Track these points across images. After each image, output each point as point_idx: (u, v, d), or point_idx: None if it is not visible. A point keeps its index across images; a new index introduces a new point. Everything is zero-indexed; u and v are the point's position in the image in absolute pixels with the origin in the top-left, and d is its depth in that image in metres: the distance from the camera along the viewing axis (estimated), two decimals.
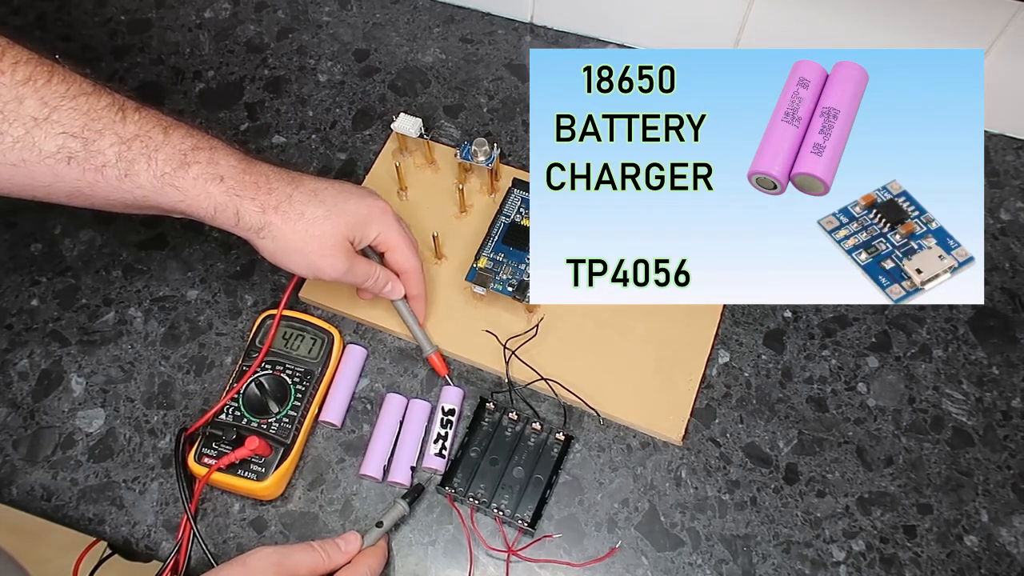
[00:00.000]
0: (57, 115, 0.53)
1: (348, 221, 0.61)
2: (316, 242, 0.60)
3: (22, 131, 0.52)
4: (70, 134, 0.54)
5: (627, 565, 0.62)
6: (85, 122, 0.54)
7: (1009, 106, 0.78)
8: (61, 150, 0.53)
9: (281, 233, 0.60)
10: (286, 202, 0.60)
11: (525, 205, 0.74)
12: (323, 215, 0.60)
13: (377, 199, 0.65)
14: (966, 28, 0.72)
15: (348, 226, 0.62)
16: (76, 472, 0.66)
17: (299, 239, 0.60)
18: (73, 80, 0.55)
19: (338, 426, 0.67)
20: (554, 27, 0.89)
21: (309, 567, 0.57)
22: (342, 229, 0.61)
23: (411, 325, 0.69)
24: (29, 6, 0.91)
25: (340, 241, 0.61)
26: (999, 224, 0.76)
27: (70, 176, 0.54)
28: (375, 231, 0.64)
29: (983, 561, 0.62)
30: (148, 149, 0.56)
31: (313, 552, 0.58)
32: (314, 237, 0.60)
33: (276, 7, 0.91)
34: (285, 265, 0.61)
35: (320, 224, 0.60)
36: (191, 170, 0.57)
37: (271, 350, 0.67)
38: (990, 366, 0.69)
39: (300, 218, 0.60)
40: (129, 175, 0.55)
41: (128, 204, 0.58)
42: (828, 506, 0.64)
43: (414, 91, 0.85)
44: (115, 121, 0.55)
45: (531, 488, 0.63)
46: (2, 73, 0.52)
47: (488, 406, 0.66)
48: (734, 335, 0.71)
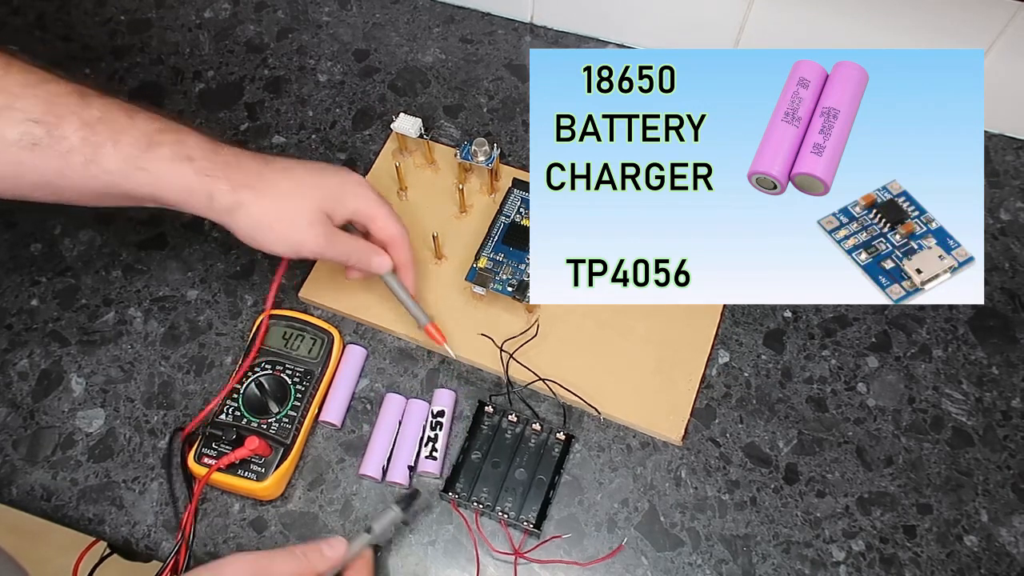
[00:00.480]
0: (19, 103, 0.53)
1: (323, 194, 0.61)
2: (291, 216, 0.59)
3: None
4: (32, 120, 0.53)
5: (627, 565, 0.62)
6: (47, 108, 0.53)
7: (1009, 106, 0.78)
8: (24, 136, 0.53)
9: (255, 210, 0.58)
10: (257, 179, 0.58)
11: (525, 205, 0.74)
12: (296, 189, 0.59)
13: (351, 173, 0.64)
14: (966, 28, 0.72)
15: (323, 199, 0.60)
16: (76, 472, 0.66)
17: (274, 214, 0.59)
18: (32, 70, 0.54)
19: (338, 426, 0.67)
20: (554, 27, 0.89)
21: (287, 572, 0.54)
22: (317, 202, 0.60)
23: (403, 298, 0.67)
24: (29, 6, 0.91)
25: (316, 214, 0.60)
26: (999, 224, 0.76)
27: (35, 164, 0.54)
28: (352, 203, 0.63)
29: (983, 561, 0.62)
30: (113, 132, 0.55)
31: (293, 558, 0.54)
32: (288, 211, 0.59)
33: (276, 7, 0.91)
34: (263, 244, 0.60)
35: (294, 198, 0.59)
36: (159, 151, 0.56)
37: (271, 350, 0.67)
38: (990, 366, 0.69)
39: (273, 194, 0.58)
40: (95, 160, 0.54)
41: (98, 193, 0.57)
42: (828, 506, 0.64)
43: (414, 91, 0.85)
44: (78, 106, 0.54)
45: (534, 489, 0.63)
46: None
47: (487, 409, 0.66)
48: (734, 335, 0.71)
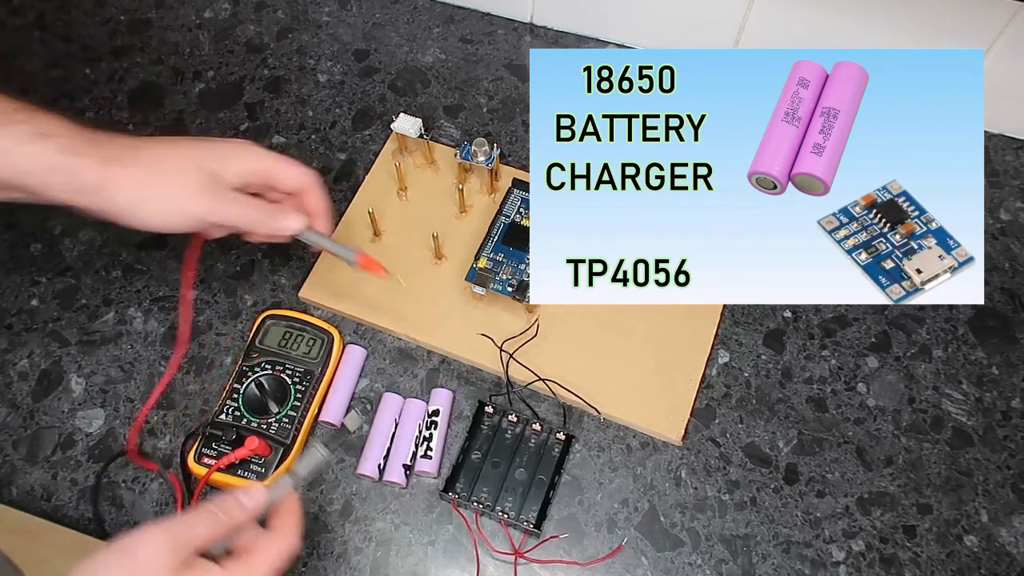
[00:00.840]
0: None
1: (204, 154, 0.56)
2: (169, 183, 0.54)
3: None
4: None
5: (627, 565, 0.62)
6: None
7: (1009, 106, 0.78)
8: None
9: (127, 182, 0.53)
10: (130, 150, 0.54)
11: (525, 205, 0.74)
12: (172, 153, 0.55)
13: (238, 140, 0.59)
14: (966, 28, 0.72)
15: (204, 159, 0.56)
16: (76, 472, 0.66)
17: (148, 182, 0.54)
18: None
19: (338, 426, 0.66)
20: (554, 27, 0.89)
21: (208, 535, 0.48)
22: (197, 162, 0.55)
23: (326, 246, 0.63)
24: (29, 6, 0.91)
25: (198, 177, 0.55)
26: (999, 224, 0.76)
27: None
28: (241, 163, 0.58)
29: (983, 561, 0.62)
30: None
31: (212, 518, 0.48)
32: (166, 178, 0.54)
33: (276, 7, 0.91)
34: (146, 222, 0.55)
35: (171, 162, 0.55)
36: (13, 129, 0.52)
37: (271, 350, 0.67)
38: (990, 366, 0.69)
39: (146, 163, 0.54)
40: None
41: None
42: (828, 506, 0.64)
43: (414, 91, 0.85)
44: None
45: (534, 489, 0.63)
46: None
47: (487, 409, 0.66)
48: (734, 335, 0.71)
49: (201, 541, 0.47)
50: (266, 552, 0.49)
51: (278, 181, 0.60)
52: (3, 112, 0.52)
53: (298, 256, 0.75)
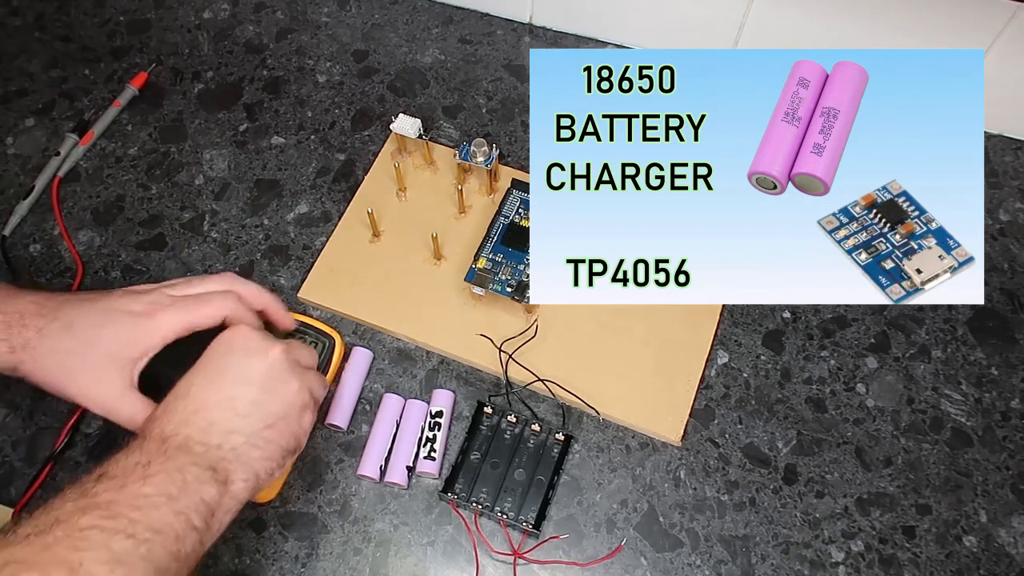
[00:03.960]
0: None
1: (107, 350, 0.56)
2: (69, 376, 0.56)
3: None
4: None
5: (626, 566, 0.62)
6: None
7: (1008, 106, 0.78)
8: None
9: (33, 370, 0.56)
10: (36, 338, 0.56)
11: (524, 206, 0.74)
12: (75, 347, 0.56)
13: (144, 312, 0.58)
14: (966, 28, 0.72)
15: (108, 356, 0.56)
16: (76, 472, 0.65)
17: (51, 375, 0.56)
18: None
19: (344, 429, 0.66)
20: (553, 27, 0.89)
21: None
22: (100, 360, 0.56)
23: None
24: (28, 7, 0.91)
25: (101, 372, 0.56)
26: (998, 225, 0.76)
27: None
28: (158, 337, 0.57)
29: (982, 562, 0.62)
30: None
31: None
32: (66, 371, 0.56)
33: (275, 8, 0.91)
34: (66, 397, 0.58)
35: (72, 358, 0.56)
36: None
37: None
38: (989, 367, 0.69)
39: (51, 353, 0.56)
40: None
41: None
42: (827, 507, 0.64)
43: (413, 92, 0.85)
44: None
45: (533, 490, 0.63)
46: None
47: (486, 410, 0.66)
48: (733, 336, 0.71)
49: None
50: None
51: (235, 319, 0.60)
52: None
53: (297, 257, 0.75)
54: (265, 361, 0.55)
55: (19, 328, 0.56)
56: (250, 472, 0.52)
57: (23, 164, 0.81)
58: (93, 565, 0.43)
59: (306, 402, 0.56)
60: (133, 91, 0.84)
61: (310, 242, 0.76)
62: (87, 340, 0.56)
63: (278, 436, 0.54)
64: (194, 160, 0.81)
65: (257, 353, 0.55)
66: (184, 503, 0.48)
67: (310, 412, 0.57)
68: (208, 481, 0.49)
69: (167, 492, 0.47)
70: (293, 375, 0.56)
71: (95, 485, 0.47)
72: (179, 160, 0.81)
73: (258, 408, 0.54)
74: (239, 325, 0.57)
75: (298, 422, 0.56)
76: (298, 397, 0.56)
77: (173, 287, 0.61)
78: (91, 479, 0.48)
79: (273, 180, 0.79)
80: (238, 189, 0.79)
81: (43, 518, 0.45)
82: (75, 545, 0.44)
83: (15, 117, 0.84)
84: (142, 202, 0.78)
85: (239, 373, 0.54)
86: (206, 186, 0.79)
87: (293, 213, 0.77)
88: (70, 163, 0.80)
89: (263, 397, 0.54)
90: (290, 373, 0.56)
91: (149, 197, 0.79)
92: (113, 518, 0.45)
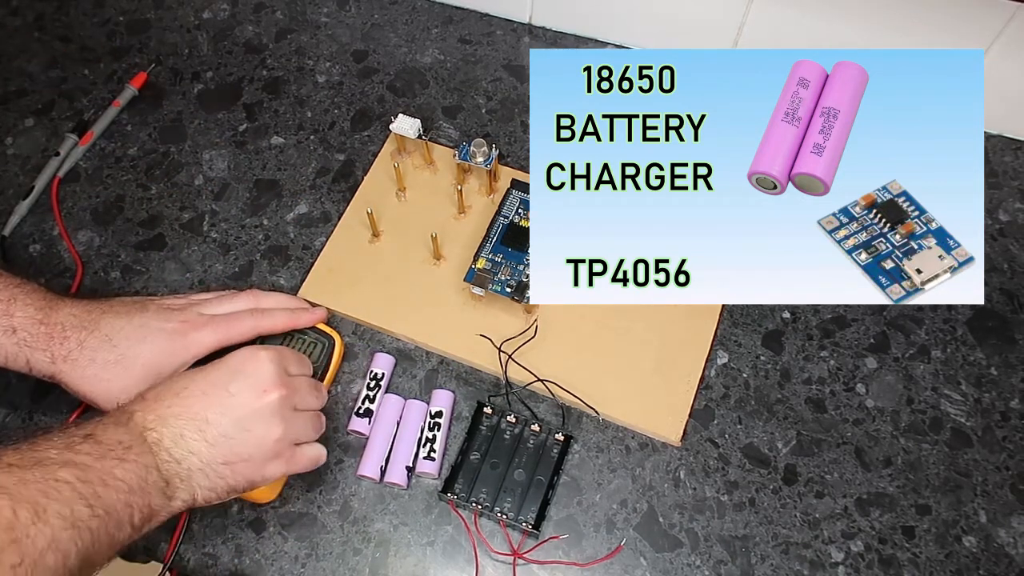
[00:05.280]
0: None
1: (144, 364, 0.60)
2: (106, 387, 0.60)
3: None
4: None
5: (625, 566, 0.62)
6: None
7: (1008, 106, 0.78)
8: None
9: (72, 380, 0.59)
10: (76, 350, 0.59)
11: (523, 206, 0.74)
12: (114, 360, 0.60)
13: (179, 331, 0.62)
14: (966, 28, 0.72)
15: (144, 369, 0.60)
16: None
17: (89, 385, 0.59)
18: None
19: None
20: (553, 28, 0.89)
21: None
22: (137, 373, 0.60)
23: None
24: (28, 7, 0.91)
25: (138, 386, 0.59)
26: (997, 225, 0.76)
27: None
28: (190, 354, 0.62)
29: (981, 562, 0.62)
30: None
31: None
32: (103, 382, 0.59)
33: (275, 8, 0.91)
34: (91, 402, 0.61)
35: (111, 369, 0.60)
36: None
37: None
38: (989, 367, 0.69)
39: (90, 364, 0.59)
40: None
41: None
42: (827, 507, 0.64)
43: (413, 92, 0.85)
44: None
45: (533, 490, 0.63)
46: None
47: (486, 410, 0.66)
48: (733, 336, 0.71)
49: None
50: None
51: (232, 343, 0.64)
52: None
53: (297, 257, 0.75)
54: (258, 400, 0.56)
55: (60, 340, 0.59)
56: (190, 496, 0.53)
57: (23, 164, 0.81)
58: (55, 517, 0.45)
59: (280, 452, 0.57)
60: (133, 91, 0.84)
61: (309, 242, 0.76)
62: (125, 355, 0.60)
63: (231, 475, 0.55)
64: (194, 160, 0.81)
65: (255, 389, 0.56)
66: (136, 500, 0.49)
67: (281, 463, 0.57)
68: (160, 492, 0.51)
69: (130, 483, 0.49)
70: (280, 422, 0.57)
71: (81, 443, 0.49)
72: (179, 160, 0.81)
73: (226, 442, 0.54)
74: (261, 351, 0.58)
75: (259, 469, 0.56)
76: (273, 446, 0.56)
77: (204, 304, 0.65)
78: (79, 434, 0.50)
79: (273, 180, 0.79)
80: (238, 189, 0.79)
81: (28, 455, 0.47)
82: (46, 491, 0.45)
83: (15, 117, 0.84)
84: (142, 202, 0.78)
85: (227, 400, 0.55)
86: (206, 186, 0.79)
87: (293, 213, 0.77)
88: (70, 163, 0.80)
89: (236, 434, 0.55)
90: (278, 419, 0.57)
91: (149, 197, 0.79)
92: (85, 483, 0.47)
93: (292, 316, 0.67)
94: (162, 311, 0.63)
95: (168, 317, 0.62)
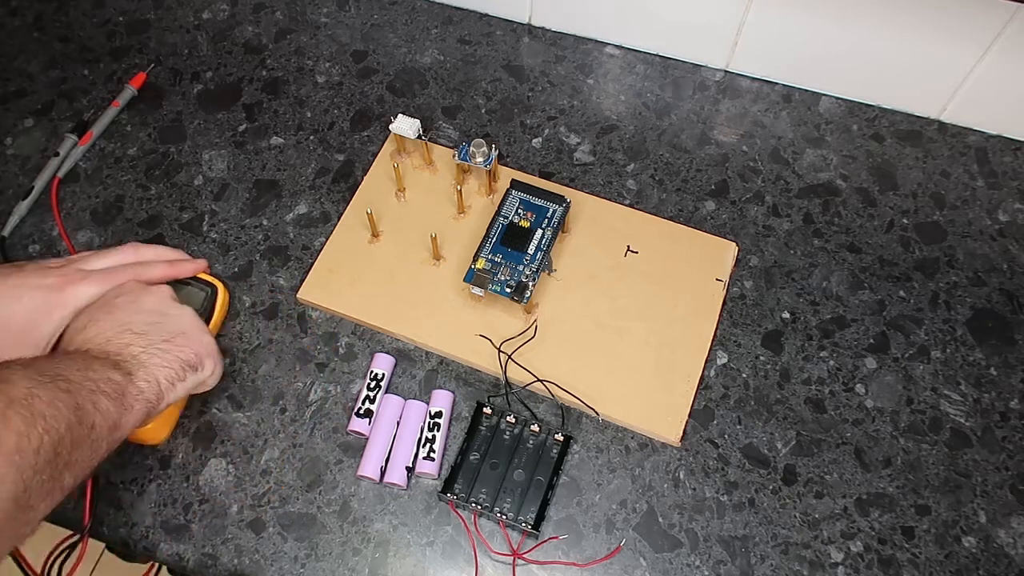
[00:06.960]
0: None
1: (21, 321, 0.59)
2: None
3: None
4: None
5: (625, 566, 0.62)
6: None
7: (1008, 106, 0.78)
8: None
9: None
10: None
11: (523, 206, 0.74)
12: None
13: (55, 286, 0.60)
14: (966, 28, 0.72)
15: (23, 326, 0.59)
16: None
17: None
18: None
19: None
20: (552, 28, 0.89)
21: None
22: (15, 331, 0.59)
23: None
24: (27, 7, 0.91)
25: (15, 343, 0.58)
26: (997, 225, 0.76)
27: None
28: (68, 308, 0.60)
29: (981, 562, 0.62)
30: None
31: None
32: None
33: (274, 8, 0.91)
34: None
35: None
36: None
37: None
38: (988, 367, 0.69)
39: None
40: None
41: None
42: (826, 507, 0.64)
43: (412, 92, 0.85)
44: None
45: (533, 490, 0.63)
46: None
47: (485, 410, 0.66)
48: (732, 336, 0.71)
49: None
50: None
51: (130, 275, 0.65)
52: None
53: (296, 257, 0.75)
54: (155, 295, 0.61)
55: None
56: (151, 375, 0.55)
57: (22, 164, 0.81)
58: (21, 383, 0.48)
59: (202, 326, 0.61)
60: (132, 91, 0.84)
61: (309, 243, 0.76)
62: (1, 314, 0.59)
63: (176, 348, 0.58)
64: (193, 160, 0.81)
65: (145, 291, 0.61)
66: (93, 376, 0.51)
67: (208, 335, 0.62)
68: (112, 368, 0.53)
69: (80, 365, 0.52)
70: (182, 307, 0.62)
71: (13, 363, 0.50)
72: (178, 160, 0.81)
73: (154, 327, 0.58)
74: (134, 284, 0.62)
75: (199, 339, 0.60)
76: (193, 320, 0.61)
77: (83, 260, 0.65)
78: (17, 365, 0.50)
79: (272, 180, 0.79)
80: (237, 189, 0.79)
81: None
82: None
83: (14, 118, 0.84)
84: (141, 202, 0.78)
85: (131, 306, 0.59)
86: (205, 186, 0.79)
87: (292, 213, 0.77)
88: (69, 163, 0.80)
89: (158, 320, 0.59)
90: (180, 305, 0.62)
91: (148, 197, 0.79)
92: (41, 373, 0.49)
93: (172, 267, 0.67)
94: (40, 269, 0.62)
95: (45, 274, 0.61)
